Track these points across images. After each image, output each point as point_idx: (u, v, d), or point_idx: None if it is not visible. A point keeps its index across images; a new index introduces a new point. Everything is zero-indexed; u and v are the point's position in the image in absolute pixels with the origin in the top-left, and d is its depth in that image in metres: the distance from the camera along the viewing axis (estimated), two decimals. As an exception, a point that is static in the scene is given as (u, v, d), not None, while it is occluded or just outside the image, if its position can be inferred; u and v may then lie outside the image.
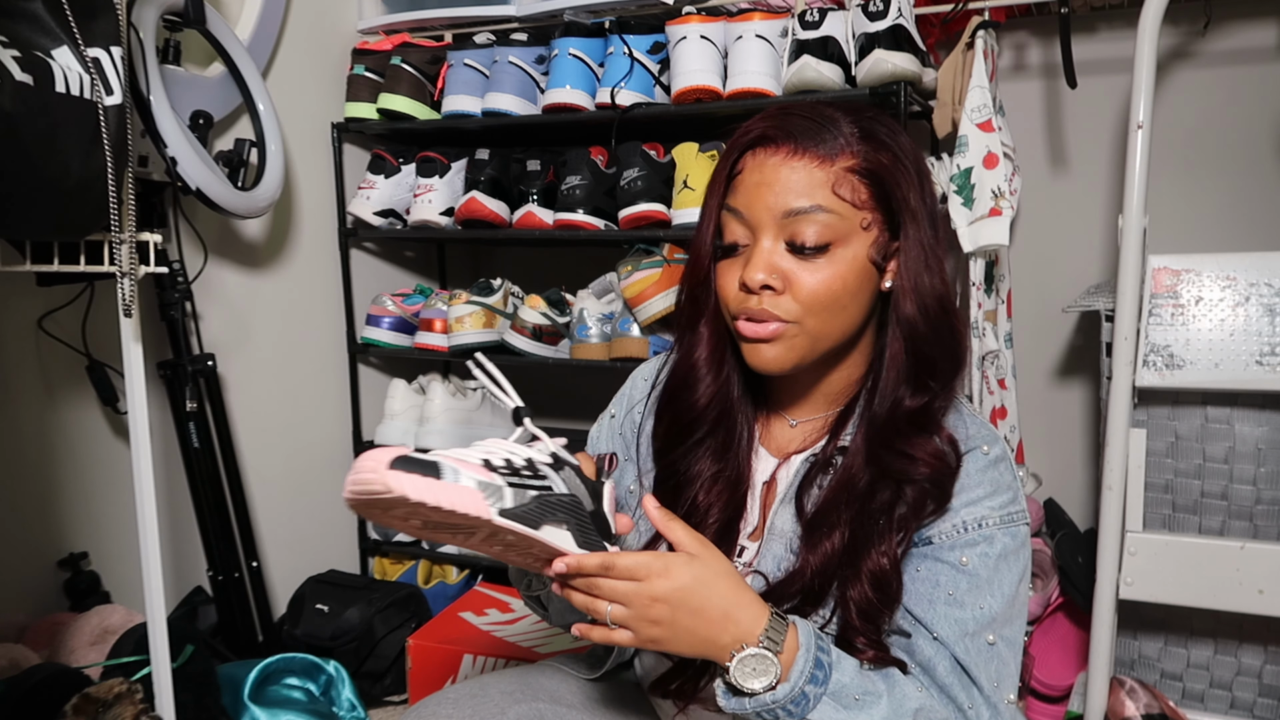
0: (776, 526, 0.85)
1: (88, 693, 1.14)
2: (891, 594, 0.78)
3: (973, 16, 1.59)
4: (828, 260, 0.78)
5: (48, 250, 1.11)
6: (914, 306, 0.79)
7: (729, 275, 0.81)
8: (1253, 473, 1.30)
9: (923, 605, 0.78)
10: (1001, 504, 0.80)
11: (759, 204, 0.78)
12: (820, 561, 0.79)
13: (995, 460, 0.81)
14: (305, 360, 1.89)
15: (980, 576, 0.78)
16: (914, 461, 0.78)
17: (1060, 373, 1.93)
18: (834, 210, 0.77)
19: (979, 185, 1.53)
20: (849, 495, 0.80)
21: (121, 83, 1.06)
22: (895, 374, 0.80)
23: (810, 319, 0.78)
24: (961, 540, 0.79)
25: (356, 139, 1.98)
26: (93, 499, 1.49)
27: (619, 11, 1.75)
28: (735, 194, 0.81)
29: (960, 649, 0.77)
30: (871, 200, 0.79)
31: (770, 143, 0.79)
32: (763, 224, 0.78)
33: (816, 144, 0.78)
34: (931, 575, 0.79)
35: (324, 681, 1.53)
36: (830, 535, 0.79)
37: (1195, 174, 1.77)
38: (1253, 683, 1.38)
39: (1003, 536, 0.79)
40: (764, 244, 0.78)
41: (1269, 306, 1.24)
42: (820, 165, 0.78)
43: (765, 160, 0.79)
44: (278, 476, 1.82)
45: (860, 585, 0.77)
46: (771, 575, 0.83)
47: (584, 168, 1.71)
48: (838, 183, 0.77)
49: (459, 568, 1.98)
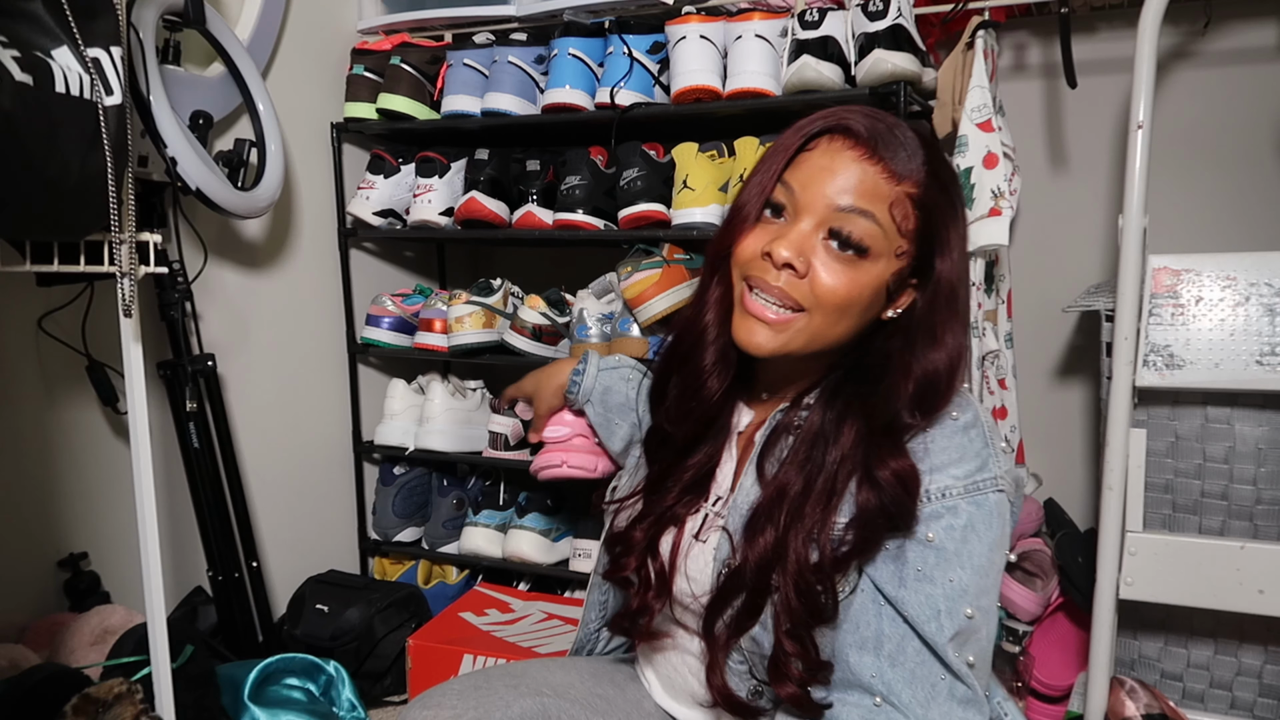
0: (743, 490, 0.86)
1: (88, 693, 1.14)
2: (817, 605, 0.77)
3: (973, 16, 1.59)
4: (857, 266, 0.78)
5: (48, 250, 1.10)
6: (943, 355, 0.80)
7: (753, 238, 0.80)
8: (1253, 473, 1.30)
9: (892, 584, 0.77)
10: (967, 472, 0.78)
11: (817, 187, 0.78)
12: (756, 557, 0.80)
13: (965, 426, 0.80)
14: (305, 360, 1.89)
15: (947, 551, 0.76)
16: (883, 464, 0.78)
17: (1060, 373, 1.93)
18: (882, 225, 0.77)
19: (979, 185, 1.53)
20: (784, 497, 0.80)
21: (121, 83, 1.06)
22: (899, 403, 0.79)
23: (818, 314, 0.78)
24: (925, 512, 0.77)
25: (356, 139, 1.98)
26: (93, 499, 1.49)
27: (619, 11, 1.75)
28: (795, 169, 0.80)
29: (932, 628, 0.75)
30: (915, 232, 0.79)
31: (851, 136, 0.79)
32: (812, 207, 0.78)
33: (892, 158, 0.78)
34: (901, 552, 0.78)
35: (324, 682, 1.53)
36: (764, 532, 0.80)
37: (1195, 174, 1.77)
38: (1253, 683, 1.37)
39: (967, 507, 0.77)
40: (803, 225, 0.78)
41: (1269, 306, 1.24)
42: (888, 179, 0.78)
43: (840, 150, 0.79)
44: (278, 476, 1.82)
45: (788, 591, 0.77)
46: (735, 536, 0.83)
47: (584, 168, 1.71)
48: (896, 203, 0.78)
49: (459, 568, 1.98)
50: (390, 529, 1.97)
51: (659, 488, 0.90)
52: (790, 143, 0.81)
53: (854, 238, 0.77)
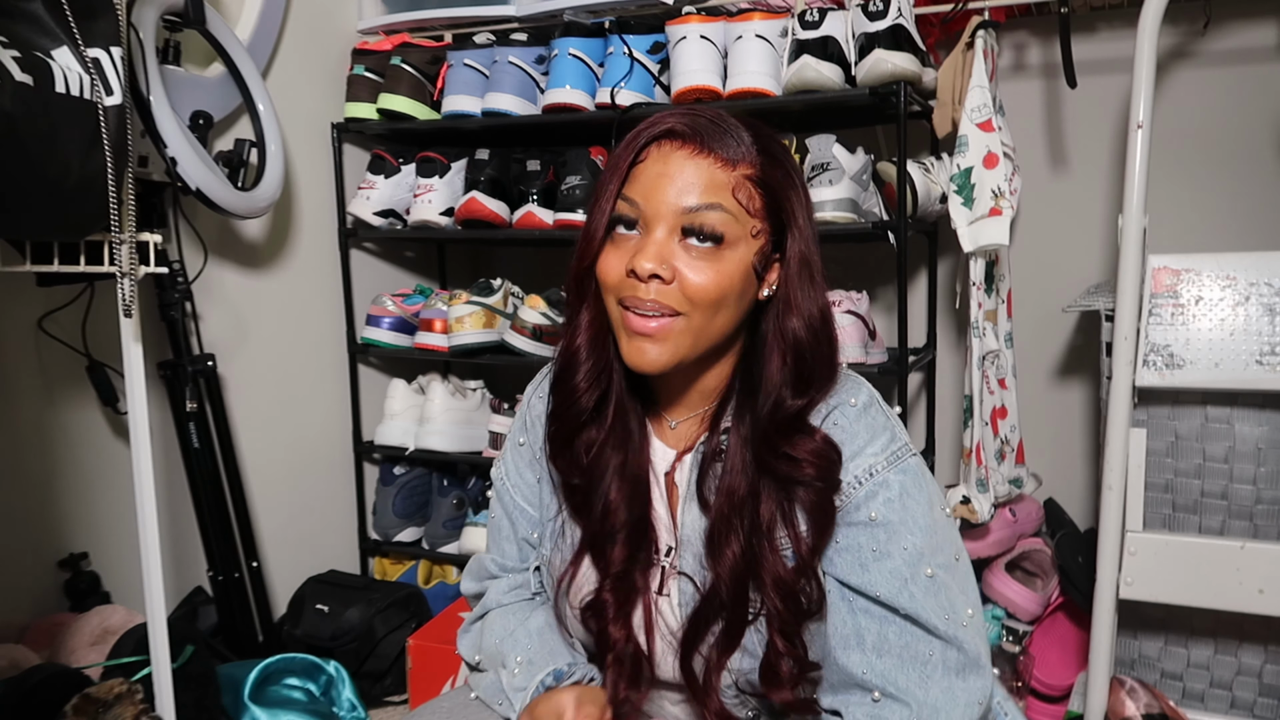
0: (687, 525, 0.86)
1: (88, 693, 1.14)
2: (803, 606, 0.79)
3: (973, 16, 1.59)
4: (718, 258, 0.79)
5: (48, 250, 1.11)
6: (800, 320, 0.81)
7: (614, 259, 0.81)
8: (1253, 472, 1.30)
9: (855, 572, 0.79)
10: (882, 446, 0.81)
11: (658, 195, 0.78)
12: (728, 571, 0.80)
13: (864, 407, 0.83)
14: (305, 360, 1.89)
15: (893, 522, 0.79)
16: (797, 463, 0.79)
17: (1060, 373, 1.93)
18: (731, 212, 0.79)
19: (979, 185, 1.53)
20: (735, 504, 0.81)
21: (121, 83, 1.06)
22: (779, 378, 0.81)
23: (696, 314, 0.79)
24: (861, 495, 0.80)
25: (356, 139, 1.98)
26: (93, 499, 1.49)
27: (619, 11, 1.75)
28: (633, 183, 0.80)
29: (904, 598, 0.77)
30: (763, 210, 0.81)
31: (677, 138, 0.80)
32: (659, 215, 0.78)
33: (722, 147, 0.79)
34: (851, 541, 0.80)
35: (324, 682, 1.53)
36: (730, 545, 0.81)
37: (1195, 174, 1.77)
38: (1253, 682, 1.37)
39: (895, 477, 0.80)
40: (657, 234, 0.78)
41: (1269, 306, 1.24)
42: (723, 168, 0.79)
43: (670, 154, 0.80)
44: (278, 476, 1.82)
45: (769, 595, 0.79)
46: (695, 575, 0.84)
47: (584, 168, 1.71)
48: (737, 187, 0.79)
49: (459, 568, 1.98)
50: (390, 529, 1.97)
51: (599, 543, 0.87)
52: (622, 159, 0.81)
53: (707, 229, 0.78)
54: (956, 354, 1.96)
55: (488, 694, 0.90)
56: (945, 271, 1.95)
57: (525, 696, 0.85)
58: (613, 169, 0.82)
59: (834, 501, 0.80)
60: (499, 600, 0.95)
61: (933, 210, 1.69)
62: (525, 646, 0.89)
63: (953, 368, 1.96)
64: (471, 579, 1.00)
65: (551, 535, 0.92)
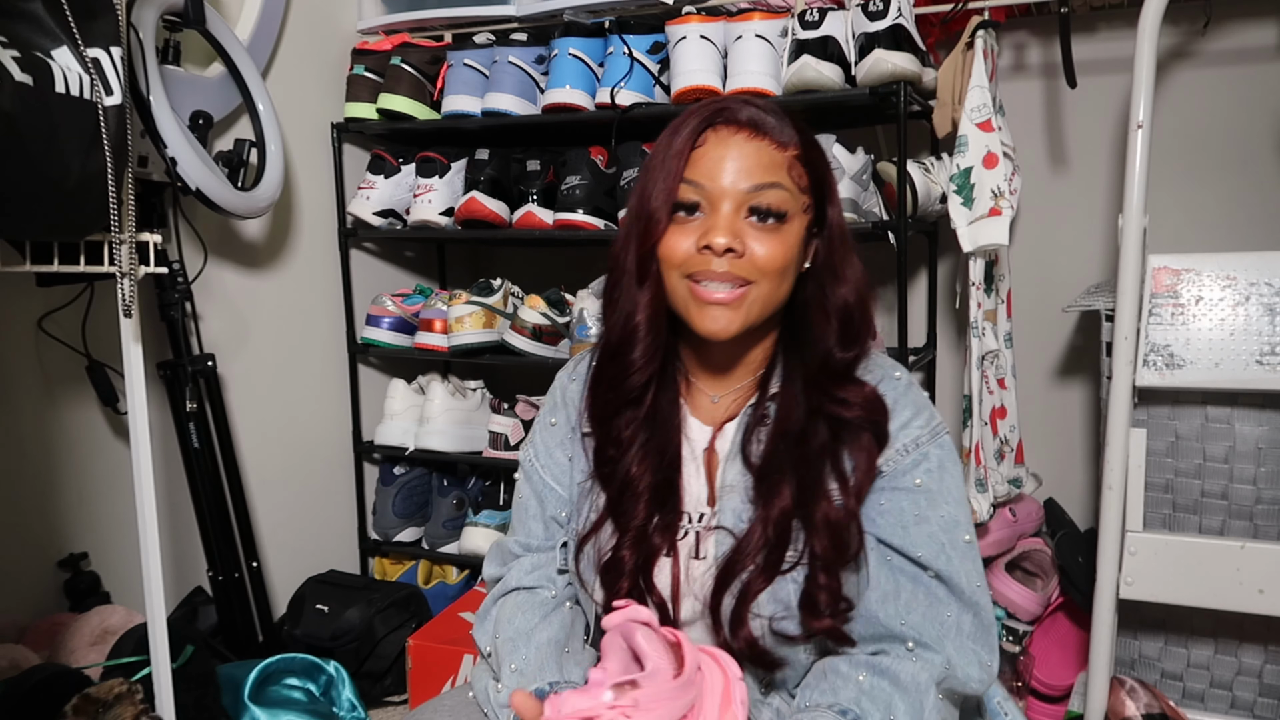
0: (728, 482, 0.89)
1: (88, 693, 1.14)
2: (848, 547, 0.84)
3: (973, 16, 1.59)
4: (780, 232, 0.85)
5: (48, 250, 1.11)
6: (848, 287, 0.89)
7: (679, 239, 0.85)
8: (1253, 472, 1.30)
9: (897, 533, 0.85)
10: (926, 421, 0.88)
11: (722, 176, 0.84)
12: (777, 514, 0.84)
13: (908, 384, 0.91)
14: (305, 360, 1.89)
15: (933, 490, 0.86)
16: (847, 405, 0.86)
17: (1060, 373, 1.93)
18: (788, 190, 0.85)
19: (979, 185, 1.53)
20: (787, 442, 0.86)
21: (121, 83, 1.06)
22: (830, 341, 0.88)
23: (765, 282, 0.85)
24: (907, 463, 0.86)
25: (356, 139, 1.98)
26: (93, 499, 1.49)
27: (619, 11, 1.75)
28: (695, 166, 0.85)
29: (942, 560, 0.84)
30: (809, 188, 0.88)
31: (733, 122, 0.86)
32: (724, 194, 0.84)
33: (774, 130, 0.86)
34: (895, 505, 0.86)
35: (324, 682, 1.53)
36: (779, 485, 0.85)
37: (1195, 174, 1.77)
38: (1253, 682, 1.37)
39: (936, 450, 0.87)
40: (725, 212, 0.84)
41: (1269, 306, 1.24)
42: (777, 149, 0.86)
43: (729, 138, 0.85)
44: (278, 476, 1.82)
45: (818, 533, 0.83)
46: (734, 528, 0.87)
47: (584, 168, 1.71)
48: (790, 167, 0.86)
49: (459, 568, 1.98)
50: (390, 529, 1.97)
51: (621, 504, 0.90)
52: (683, 145, 0.86)
53: (772, 208, 0.84)
54: (956, 354, 1.96)
55: (481, 697, 0.91)
56: (945, 271, 1.95)
57: (509, 716, 0.87)
58: (671, 155, 0.86)
59: (878, 449, 0.86)
60: (520, 581, 0.96)
61: (933, 210, 1.69)
62: (523, 657, 0.90)
63: (952, 368, 1.96)
64: (494, 563, 1.01)
65: (579, 509, 0.95)
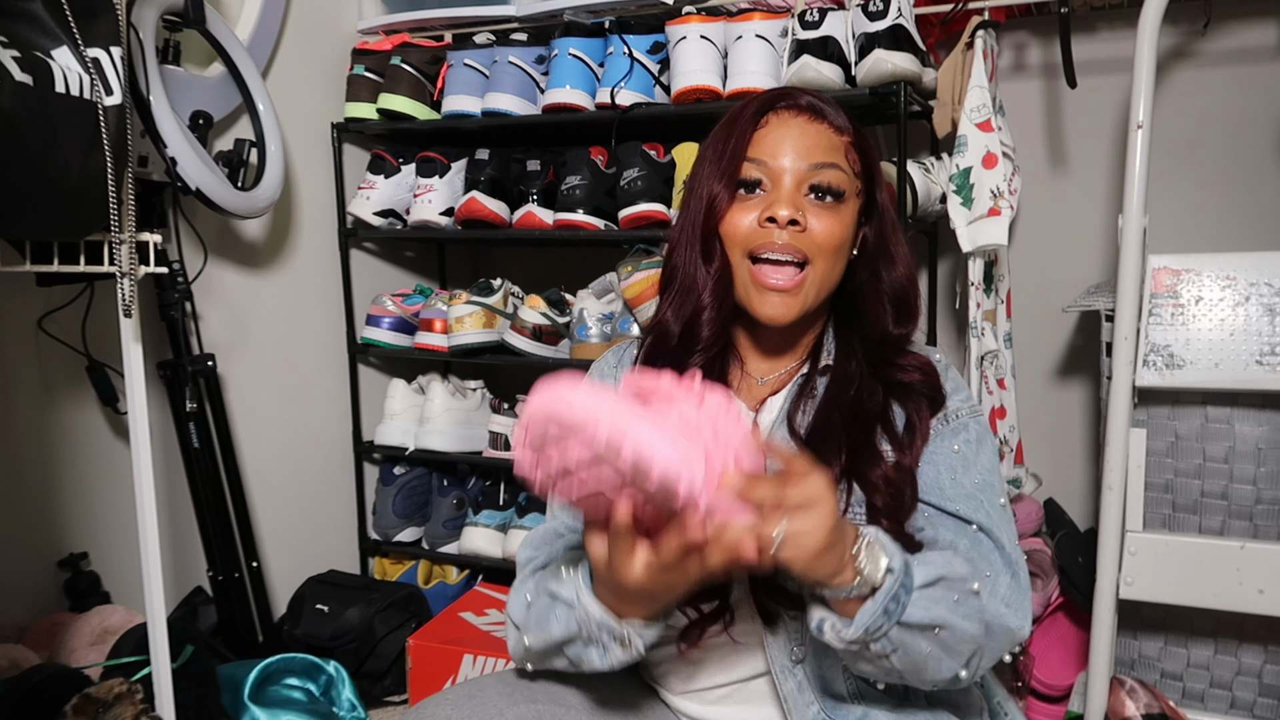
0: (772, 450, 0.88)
1: (88, 693, 1.14)
2: (904, 496, 0.85)
3: (972, 16, 1.59)
4: (837, 211, 0.89)
5: (48, 250, 1.11)
6: (901, 269, 0.93)
7: (741, 215, 0.89)
8: (1253, 473, 1.30)
9: (934, 492, 0.87)
10: (965, 398, 0.93)
11: (784, 154, 0.88)
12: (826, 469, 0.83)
13: (947, 365, 0.94)
14: (305, 360, 1.89)
15: (969, 457, 0.89)
16: (905, 370, 0.90)
17: (1060, 373, 1.93)
18: (845, 170, 0.89)
19: (978, 185, 1.53)
20: (840, 405, 0.88)
21: (121, 83, 1.06)
22: (885, 320, 0.92)
23: (821, 261, 0.88)
24: (948, 431, 0.90)
25: (356, 139, 1.98)
26: (93, 499, 1.49)
27: (619, 11, 1.75)
28: (758, 145, 0.89)
29: (981, 515, 0.86)
30: (861, 173, 0.92)
31: (795, 106, 0.91)
32: (786, 171, 0.88)
33: (831, 117, 0.91)
34: (933, 468, 0.88)
35: (324, 682, 1.53)
36: (827, 449, 0.85)
37: (1195, 174, 1.77)
38: (1253, 682, 1.37)
39: (974, 425, 0.91)
40: (788, 186, 0.88)
41: (1269, 306, 1.24)
42: (835, 133, 0.90)
43: (790, 119, 0.90)
44: (278, 476, 1.82)
45: (877, 490, 0.85)
46: None
47: (584, 168, 1.71)
48: (846, 150, 0.90)
49: (459, 568, 1.98)
50: (390, 529, 1.97)
51: None
52: (745, 126, 0.90)
53: (831, 186, 0.88)
54: (956, 354, 1.96)
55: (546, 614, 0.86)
56: (945, 271, 1.95)
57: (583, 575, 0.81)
58: (735, 134, 0.90)
59: (936, 419, 0.89)
60: (562, 551, 0.95)
61: (932, 210, 1.69)
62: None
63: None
64: (530, 546, 0.98)
65: None
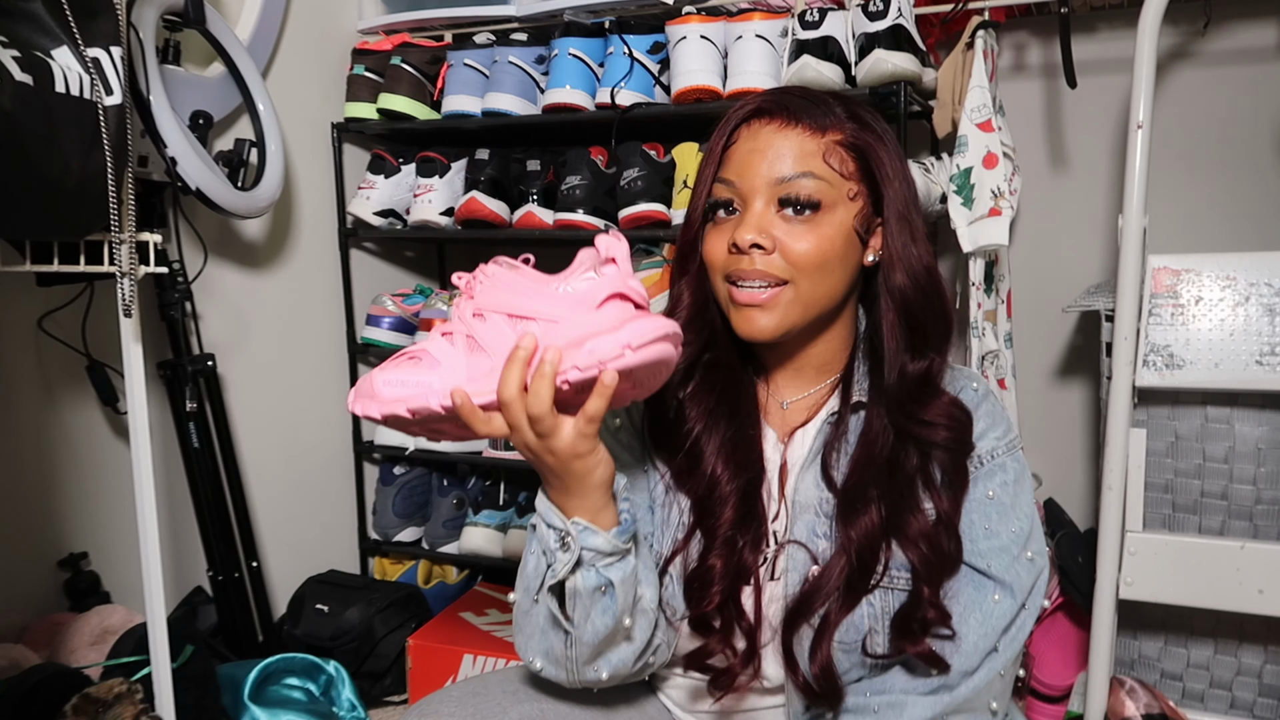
0: (801, 494, 0.86)
1: (88, 693, 1.14)
2: (948, 553, 0.81)
3: (973, 16, 1.59)
4: (816, 224, 0.81)
5: (48, 250, 1.11)
6: (904, 276, 0.83)
7: (718, 240, 0.83)
8: (1253, 473, 1.30)
9: (966, 546, 0.82)
10: (1002, 433, 0.85)
11: (751, 170, 0.81)
12: (861, 534, 0.81)
13: (985, 394, 0.87)
14: (305, 360, 1.89)
15: (1005, 503, 0.83)
16: (932, 426, 0.82)
17: (1060, 373, 1.93)
18: (824, 178, 0.81)
19: (979, 185, 1.53)
20: (876, 466, 0.82)
21: (121, 83, 1.06)
22: (895, 343, 0.83)
23: (802, 280, 0.81)
24: (982, 474, 0.84)
25: (356, 139, 1.98)
26: (93, 499, 1.49)
27: (619, 11, 1.75)
28: (728, 165, 0.84)
29: (1010, 574, 0.81)
30: (858, 173, 0.83)
31: (765, 115, 0.83)
32: (755, 189, 0.81)
33: (809, 116, 0.82)
34: (966, 515, 0.83)
35: (324, 681, 1.53)
36: (866, 508, 0.81)
37: (1195, 174, 1.77)
38: (1253, 683, 1.37)
39: (1012, 463, 0.85)
40: (755, 207, 0.81)
41: (1269, 306, 1.24)
42: (811, 135, 0.82)
43: (759, 130, 0.83)
44: (278, 476, 1.82)
45: (917, 549, 0.80)
46: (811, 544, 0.84)
47: (584, 168, 1.71)
48: (828, 152, 0.81)
49: (459, 568, 1.98)
50: (390, 529, 1.97)
51: (708, 506, 0.85)
52: (715, 144, 0.85)
53: (802, 197, 0.80)
54: (956, 354, 1.96)
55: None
56: (945, 272, 1.95)
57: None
58: (708, 155, 0.85)
59: (968, 462, 0.83)
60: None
61: (933, 210, 1.68)
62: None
63: (953, 368, 1.96)
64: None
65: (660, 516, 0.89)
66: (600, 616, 0.79)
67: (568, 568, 0.77)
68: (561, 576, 0.78)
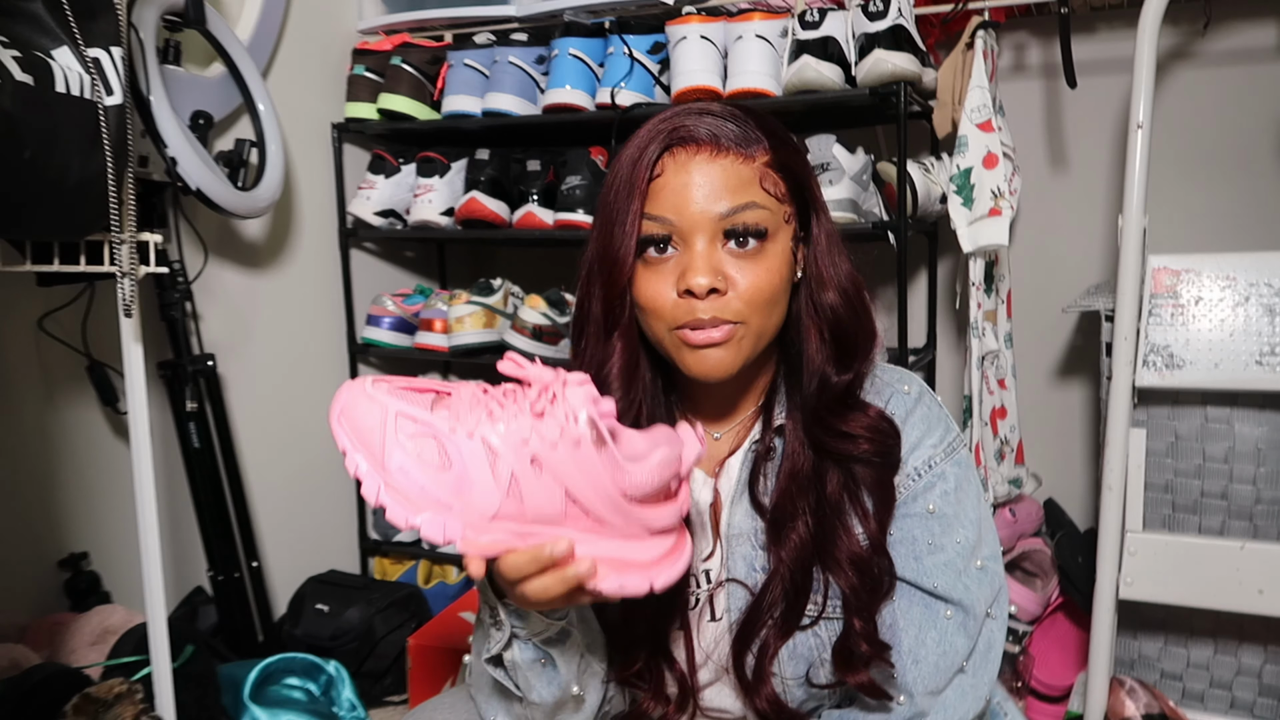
0: (734, 527, 0.82)
1: (88, 693, 1.14)
2: (877, 577, 0.77)
3: (973, 16, 1.59)
4: (763, 255, 0.76)
5: (48, 250, 1.11)
6: (836, 294, 0.79)
7: (657, 284, 0.76)
8: (1253, 473, 1.30)
9: (910, 565, 0.79)
10: (939, 438, 0.81)
11: (690, 206, 0.75)
12: (792, 555, 0.78)
13: (918, 397, 0.82)
14: (305, 360, 1.89)
15: (948, 515, 0.79)
16: (853, 440, 0.77)
17: (1060, 373, 1.93)
18: (765, 206, 0.76)
19: (979, 185, 1.53)
20: (799, 483, 0.79)
21: (121, 83, 1.06)
22: (819, 358, 0.79)
23: (755, 317, 0.76)
24: (919, 488, 0.79)
25: (356, 139, 1.98)
26: (93, 499, 1.49)
27: (619, 11, 1.75)
28: (656, 199, 0.76)
29: (959, 590, 0.78)
30: (788, 194, 0.78)
31: (690, 142, 0.76)
32: (696, 226, 0.75)
33: (736, 142, 0.76)
34: (906, 534, 0.79)
35: (324, 681, 1.53)
36: (795, 527, 0.78)
37: (1195, 174, 1.77)
38: (1253, 683, 1.38)
39: (952, 469, 0.80)
40: (699, 247, 0.75)
41: (1269, 306, 1.24)
42: (744, 162, 0.76)
43: (688, 161, 0.76)
44: (278, 476, 1.82)
45: (845, 574, 0.77)
46: (747, 578, 0.81)
47: (584, 168, 1.71)
48: (763, 178, 0.76)
49: (459, 568, 1.98)
50: (390, 529, 1.96)
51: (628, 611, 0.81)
52: (639, 179, 0.76)
53: (750, 228, 0.75)
54: (956, 354, 1.96)
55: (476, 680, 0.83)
56: (945, 272, 1.95)
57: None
58: (627, 187, 0.76)
59: (894, 479, 0.79)
60: None
61: (933, 210, 1.69)
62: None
63: (952, 368, 1.96)
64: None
65: None
66: (546, 686, 0.77)
67: (500, 644, 0.76)
68: (495, 652, 0.77)
